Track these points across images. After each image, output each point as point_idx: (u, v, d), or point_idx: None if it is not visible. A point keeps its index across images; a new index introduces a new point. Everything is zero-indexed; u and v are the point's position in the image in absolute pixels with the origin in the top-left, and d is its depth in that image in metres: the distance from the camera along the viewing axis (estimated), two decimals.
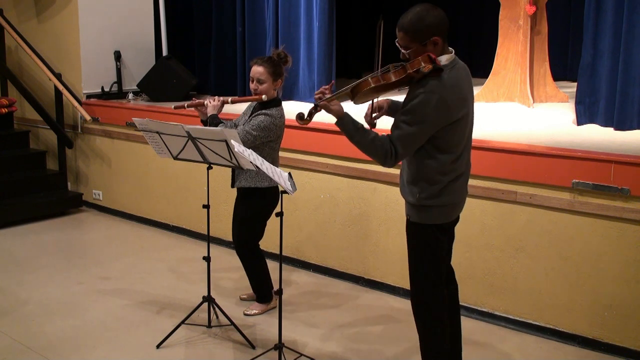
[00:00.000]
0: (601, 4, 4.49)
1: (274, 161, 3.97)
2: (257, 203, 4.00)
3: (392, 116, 3.01)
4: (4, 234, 5.77)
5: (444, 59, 2.80)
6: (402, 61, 2.83)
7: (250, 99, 3.94)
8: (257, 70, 3.87)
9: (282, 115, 3.94)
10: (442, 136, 2.78)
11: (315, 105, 2.93)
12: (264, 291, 4.22)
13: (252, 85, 3.90)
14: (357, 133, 2.84)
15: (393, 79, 2.78)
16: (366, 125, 2.95)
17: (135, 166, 6.17)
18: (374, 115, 3.01)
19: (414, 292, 3.08)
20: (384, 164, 2.83)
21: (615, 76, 4.44)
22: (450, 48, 2.87)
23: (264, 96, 3.83)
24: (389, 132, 2.83)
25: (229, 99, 3.96)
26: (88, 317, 4.19)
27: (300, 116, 2.99)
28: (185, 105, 4.03)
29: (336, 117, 2.87)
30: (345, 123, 2.85)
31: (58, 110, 6.41)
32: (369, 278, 4.68)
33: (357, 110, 3.18)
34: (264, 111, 3.85)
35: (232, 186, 4.08)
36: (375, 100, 2.99)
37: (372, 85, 2.81)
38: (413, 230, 3.00)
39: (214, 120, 3.92)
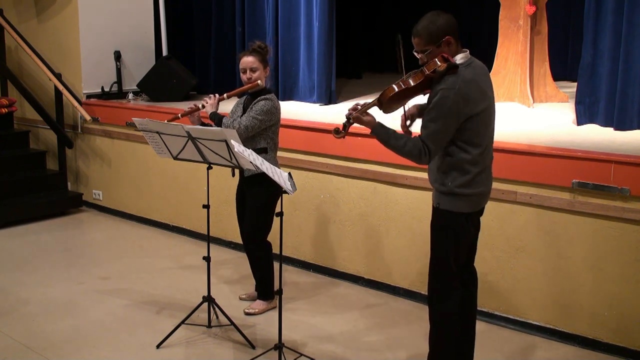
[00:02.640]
0: (601, 4, 4.49)
1: (276, 145, 4.10)
2: (266, 190, 3.96)
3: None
4: (4, 234, 5.77)
5: (459, 58, 2.99)
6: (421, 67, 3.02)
7: (245, 88, 4.04)
8: (248, 60, 4.01)
9: (277, 101, 4.09)
10: (469, 128, 2.94)
11: (348, 118, 3.09)
12: (268, 287, 4.22)
13: (245, 76, 4.02)
14: (391, 138, 3.02)
15: (412, 83, 2.97)
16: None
17: (135, 166, 6.17)
18: (407, 123, 3.21)
19: (433, 282, 3.15)
20: (420, 162, 2.99)
21: (615, 76, 4.44)
22: (464, 48, 3.04)
23: (259, 81, 3.99)
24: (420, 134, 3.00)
25: (225, 95, 4.08)
26: (88, 317, 4.19)
27: (336, 130, 3.14)
28: (179, 115, 4.11)
29: (369, 127, 3.06)
30: (379, 131, 3.04)
31: (58, 110, 6.41)
32: (368, 278, 4.68)
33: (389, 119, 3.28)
34: (262, 97, 3.99)
35: (245, 175, 4.05)
36: (406, 109, 3.18)
37: (396, 90, 2.98)
38: (442, 217, 3.09)
39: (215, 117, 4.02)
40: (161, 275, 4.92)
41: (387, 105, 3.03)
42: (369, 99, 3.10)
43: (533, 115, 5.24)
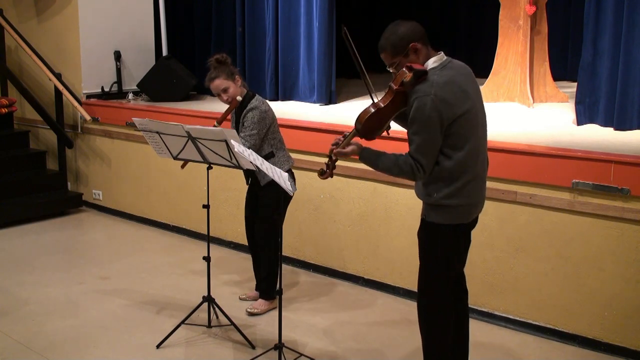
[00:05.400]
0: (601, 4, 4.49)
1: (281, 142, 4.13)
2: (279, 188, 3.95)
3: (398, 122, 3.04)
4: (4, 234, 5.77)
5: (430, 62, 2.86)
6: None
7: (229, 110, 4.03)
8: (216, 84, 3.98)
9: (264, 101, 4.06)
10: (453, 132, 2.80)
11: (329, 157, 2.99)
12: (271, 287, 4.20)
13: (222, 99, 4.01)
14: (380, 161, 2.90)
15: (382, 104, 2.85)
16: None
17: (135, 166, 6.17)
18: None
19: (422, 294, 3.07)
20: (415, 179, 2.88)
21: (615, 76, 4.44)
22: (439, 51, 2.91)
23: (238, 97, 3.98)
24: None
25: (215, 123, 3.99)
26: (88, 317, 4.19)
27: (321, 171, 3.03)
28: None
29: (354, 155, 2.95)
30: (366, 157, 2.94)
31: (58, 110, 6.41)
32: (368, 278, 4.68)
33: None
34: (247, 108, 3.98)
35: (261, 184, 4.04)
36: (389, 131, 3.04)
37: (371, 112, 2.85)
38: (428, 230, 2.98)
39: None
40: (161, 275, 4.92)
41: (365, 131, 2.89)
42: (368, 100, 3.03)
43: (533, 115, 5.24)
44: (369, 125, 2.88)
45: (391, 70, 2.90)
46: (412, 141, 2.82)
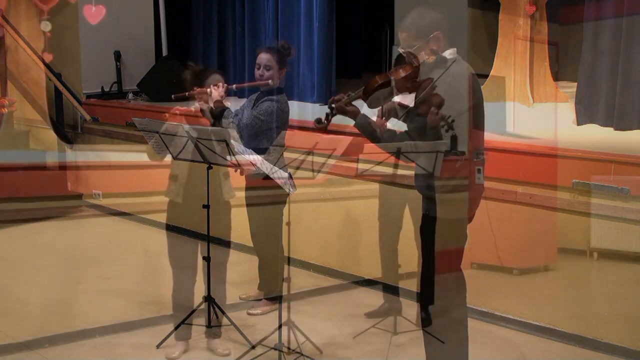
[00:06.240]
0: (601, 4, 4.49)
1: (281, 146, 4.04)
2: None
3: (399, 117, 3.07)
4: (4, 234, 5.76)
5: (447, 54, 2.90)
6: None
7: (255, 84, 4.02)
8: (265, 57, 3.96)
9: (287, 103, 4.03)
10: (456, 127, 2.80)
11: (331, 108, 2.99)
12: (273, 286, 4.20)
13: (258, 72, 3.97)
14: (375, 131, 2.94)
15: (402, 74, 2.86)
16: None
17: (135, 166, 6.16)
18: (383, 118, 3.10)
19: (424, 292, 3.07)
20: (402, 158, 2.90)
21: (615, 76, 4.44)
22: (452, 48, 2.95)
23: (270, 81, 3.93)
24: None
25: (233, 86, 4.02)
26: (88, 317, 4.18)
27: (318, 120, 3.04)
28: (187, 93, 3.99)
29: (353, 118, 2.97)
30: (363, 123, 2.96)
31: (58, 110, 6.41)
32: (368, 278, 4.68)
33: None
34: (270, 97, 3.95)
35: (250, 177, 4.03)
36: (384, 105, 3.07)
37: (381, 81, 2.88)
38: (430, 225, 3.00)
39: (218, 106, 3.90)
40: (161, 275, 4.90)
41: (372, 97, 2.92)
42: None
43: (533, 115, 5.23)
44: (379, 91, 2.89)
45: (401, 51, 2.92)
46: (413, 121, 2.87)
